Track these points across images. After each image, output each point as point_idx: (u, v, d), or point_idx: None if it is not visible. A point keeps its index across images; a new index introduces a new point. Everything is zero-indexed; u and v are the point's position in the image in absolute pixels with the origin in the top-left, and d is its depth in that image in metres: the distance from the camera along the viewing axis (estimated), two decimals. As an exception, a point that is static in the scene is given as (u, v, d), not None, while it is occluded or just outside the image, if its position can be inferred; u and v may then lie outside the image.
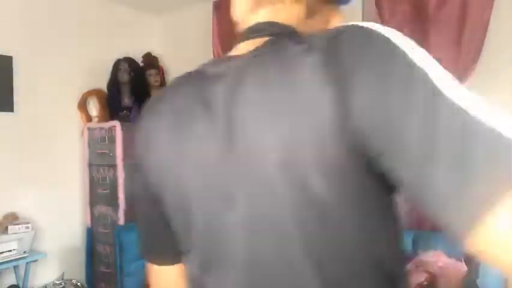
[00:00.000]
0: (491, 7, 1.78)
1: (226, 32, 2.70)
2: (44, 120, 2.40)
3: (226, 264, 0.52)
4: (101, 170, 2.62)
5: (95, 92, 2.65)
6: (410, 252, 1.84)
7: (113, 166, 2.54)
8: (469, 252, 0.37)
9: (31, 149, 2.35)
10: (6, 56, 2.19)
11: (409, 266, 1.72)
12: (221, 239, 0.52)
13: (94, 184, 2.67)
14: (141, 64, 2.79)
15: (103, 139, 2.59)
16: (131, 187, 2.27)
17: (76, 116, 2.63)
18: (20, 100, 2.27)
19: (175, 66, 2.91)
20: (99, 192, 2.64)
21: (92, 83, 2.65)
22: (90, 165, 2.67)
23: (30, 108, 2.32)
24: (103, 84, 2.69)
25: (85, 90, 2.62)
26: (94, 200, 2.67)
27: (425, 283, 1.64)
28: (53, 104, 2.46)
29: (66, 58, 2.50)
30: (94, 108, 2.63)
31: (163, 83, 2.85)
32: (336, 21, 0.66)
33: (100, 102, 2.64)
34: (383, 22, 2.06)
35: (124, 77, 2.65)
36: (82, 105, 2.64)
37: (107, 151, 2.56)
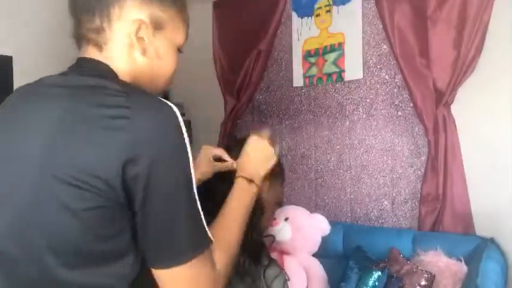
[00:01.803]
0: (491, 7, 1.78)
1: (226, 32, 2.70)
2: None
3: None
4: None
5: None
6: (410, 252, 1.84)
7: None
8: None
9: (31, 149, 2.33)
10: (6, 56, 2.19)
11: (409, 266, 1.72)
12: None
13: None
14: (141, 64, 2.79)
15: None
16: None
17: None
18: (20, 100, 2.27)
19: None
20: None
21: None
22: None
23: (30, 108, 2.32)
24: (103, 84, 2.69)
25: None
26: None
27: (425, 283, 1.64)
28: (53, 104, 2.46)
29: (66, 58, 2.50)
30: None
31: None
32: None
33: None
34: (383, 22, 2.06)
35: (124, 77, 2.66)
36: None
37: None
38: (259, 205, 1.02)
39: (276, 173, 1.08)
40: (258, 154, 0.93)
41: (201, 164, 1.03)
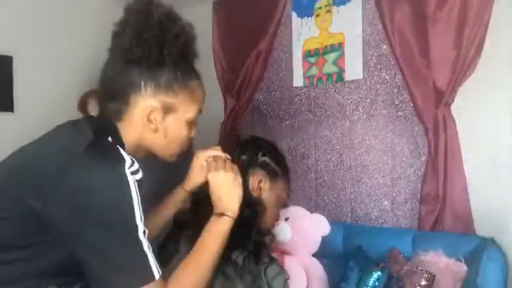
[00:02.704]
0: (491, 7, 1.78)
1: (226, 32, 2.70)
2: (44, 120, 2.38)
3: None
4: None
5: (95, 92, 2.64)
6: (410, 252, 1.84)
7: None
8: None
9: (31, 149, 2.32)
10: (6, 56, 2.19)
11: (409, 266, 1.72)
12: None
13: (94, 184, 2.66)
14: (141, 64, 2.79)
15: (103, 139, 2.59)
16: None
17: (76, 116, 2.62)
18: (20, 100, 2.26)
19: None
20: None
21: (92, 83, 2.65)
22: (90, 165, 2.66)
23: (30, 108, 2.32)
24: (103, 84, 2.68)
25: (85, 90, 2.62)
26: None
27: (425, 283, 1.64)
28: (53, 104, 2.46)
29: (66, 58, 2.50)
30: (93, 108, 2.62)
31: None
32: None
33: (100, 102, 2.64)
34: (383, 22, 2.06)
35: (124, 77, 2.65)
36: (82, 105, 2.63)
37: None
38: (261, 205, 1.02)
39: (277, 174, 1.08)
40: (221, 189, 0.96)
41: (193, 173, 1.10)
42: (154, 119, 0.88)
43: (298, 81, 2.47)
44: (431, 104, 1.94)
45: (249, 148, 1.09)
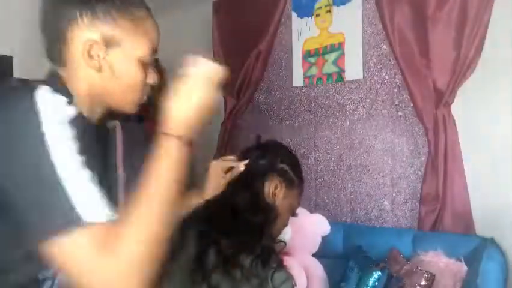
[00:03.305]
0: (491, 7, 1.78)
1: (226, 32, 2.70)
2: (44, 120, 2.38)
3: None
4: (101, 170, 2.62)
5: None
6: (410, 252, 1.84)
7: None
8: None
9: (31, 149, 2.33)
10: (6, 56, 2.19)
11: (409, 266, 1.72)
12: None
13: (94, 184, 2.66)
14: (141, 64, 2.79)
15: (103, 139, 2.59)
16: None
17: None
18: (20, 100, 2.27)
19: (175, 66, 2.90)
20: (99, 192, 2.63)
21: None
22: (90, 165, 2.67)
23: (30, 108, 2.32)
24: (103, 84, 2.69)
25: (85, 90, 2.63)
26: (94, 200, 2.67)
27: (425, 283, 1.64)
28: (53, 104, 2.47)
29: (66, 58, 2.50)
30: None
31: (162, 83, 2.84)
32: None
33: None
34: (383, 22, 2.06)
35: (124, 77, 2.66)
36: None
37: (107, 151, 2.57)
38: (274, 211, 1.03)
39: (293, 183, 1.09)
40: (198, 96, 0.77)
41: (211, 182, 1.09)
42: (97, 55, 0.78)
43: (298, 81, 2.47)
44: (431, 104, 1.94)
45: (270, 153, 1.10)
